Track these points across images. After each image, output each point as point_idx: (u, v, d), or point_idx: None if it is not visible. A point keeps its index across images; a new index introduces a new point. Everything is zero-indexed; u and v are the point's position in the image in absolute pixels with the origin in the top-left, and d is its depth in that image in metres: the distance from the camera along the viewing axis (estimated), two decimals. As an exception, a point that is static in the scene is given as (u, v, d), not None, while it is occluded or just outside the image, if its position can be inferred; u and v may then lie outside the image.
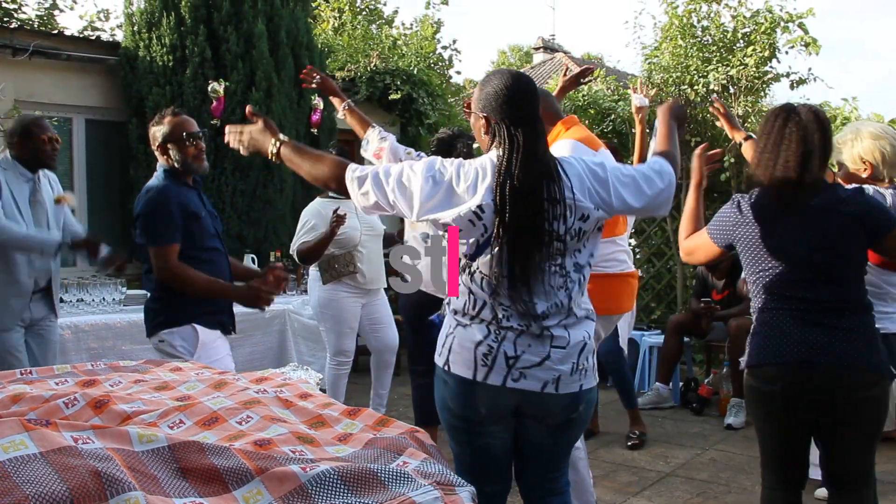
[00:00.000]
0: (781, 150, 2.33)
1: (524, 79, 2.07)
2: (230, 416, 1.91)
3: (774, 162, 2.34)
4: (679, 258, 6.99)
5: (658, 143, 2.35)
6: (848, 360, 2.27)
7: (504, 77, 2.05)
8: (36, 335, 3.66)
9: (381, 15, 13.33)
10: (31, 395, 1.99)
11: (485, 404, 2.07)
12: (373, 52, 8.37)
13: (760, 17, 6.64)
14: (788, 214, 2.33)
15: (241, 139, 2.33)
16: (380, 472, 1.55)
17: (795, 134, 2.32)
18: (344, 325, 4.57)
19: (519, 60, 26.66)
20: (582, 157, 2.15)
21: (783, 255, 2.33)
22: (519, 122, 2.01)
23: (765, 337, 2.37)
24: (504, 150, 1.99)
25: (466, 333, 2.06)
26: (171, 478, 1.50)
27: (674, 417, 5.41)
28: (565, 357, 2.05)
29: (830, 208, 2.31)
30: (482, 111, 2.06)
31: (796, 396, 2.32)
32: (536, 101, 2.07)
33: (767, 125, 2.40)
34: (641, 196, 2.10)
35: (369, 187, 2.06)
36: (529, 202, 1.96)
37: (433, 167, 2.02)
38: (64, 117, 6.19)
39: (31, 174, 3.59)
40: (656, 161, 2.20)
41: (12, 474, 1.34)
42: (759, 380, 2.40)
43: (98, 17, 8.49)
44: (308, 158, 2.20)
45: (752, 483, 4.02)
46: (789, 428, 2.40)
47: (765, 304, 2.39)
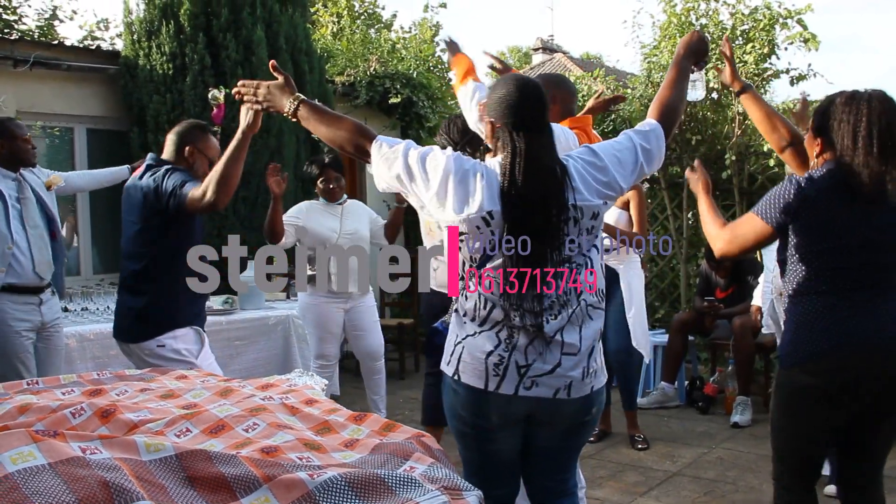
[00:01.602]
0: (873, 134, 2.23)
1: (531, 85, 2.07)
2: (236, 423, 1.92)
3: (859, 145, 2.24)
4: (682, 257, 7.03)
5: (659, 94, 2.27)
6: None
7: (510, 83, 2.06)
8: (44, 339, 3.71)
9: (379, 19, 13.35)
10: (38, 405, 1.99)
11: (497, 413, 2.07)
12: (372, 56, 8.37)
13: (759, 14, 6.63)
14: (862, 199, 2.23)
15: (256, 94, 2.26)
16: (387, 477, 1.55)
17: (884, 120, 2.23)
18: (323, 330, 4.62)
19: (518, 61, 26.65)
20: (569, 151, 2.14)
21: (853, 238, 2.24)
22: (522, 128, 2.01)
23: (819, 326, 2.26)
24: (507, 155, 2.00)
25: (476, 343, 2.04)
26: (178, 487, 1.50)
27: (680, 416, 5.40)
28: (576, 364, 2.05)
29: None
30: (489, 116, 2.09)
31: (860, 387, 2.24)
32: (543, 107, 2.07)
33: (849, 109, 2.28)
34: (638, 168, 2.13)
35: (397, 155, 2.04)
36: (538, 208, 1.96)
37: (460, 157, 2.03)
38: (65, 127, 6.20)
39: (14, 173, 3.64)
40: (650, 126, 2.18)
41: (21, 486, 1.35)
42: (815, 375, 2.27)
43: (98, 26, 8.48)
44: (327, 120, 2.14)
45: (760, 481, 4.02)
46: (832, 426, 2.32)
47: (813, 288, 2.28)
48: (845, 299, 2.25)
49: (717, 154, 6.95)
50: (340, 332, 4.70)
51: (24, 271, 3.57)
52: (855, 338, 2.23)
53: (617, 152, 2.11)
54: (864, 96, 2.28)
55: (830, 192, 2.26)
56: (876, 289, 2.26)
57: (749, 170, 6.87)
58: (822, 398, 2.28)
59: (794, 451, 2.39)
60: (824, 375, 2.26)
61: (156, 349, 3.02)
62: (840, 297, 2.25)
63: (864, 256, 2.25)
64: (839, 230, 2.25)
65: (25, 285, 3.59)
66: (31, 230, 3.62)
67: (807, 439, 2.36)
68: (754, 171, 6.83)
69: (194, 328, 3.07)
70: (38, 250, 3.62)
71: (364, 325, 4.74)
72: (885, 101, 2.26)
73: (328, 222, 4.57)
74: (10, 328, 3.54)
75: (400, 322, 6.82)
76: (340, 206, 4.67)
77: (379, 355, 4.84)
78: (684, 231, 7.11)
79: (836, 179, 2.26)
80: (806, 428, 2.34)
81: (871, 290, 2.25)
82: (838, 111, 2.29)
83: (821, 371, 2.27)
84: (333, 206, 4.65)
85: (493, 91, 2.10)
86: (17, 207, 3.59)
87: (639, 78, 7.71)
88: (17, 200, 3.61)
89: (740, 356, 5.30)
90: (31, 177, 3.76)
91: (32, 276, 3.60)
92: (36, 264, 3.60)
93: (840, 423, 2.31)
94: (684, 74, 2.31)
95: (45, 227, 3.71)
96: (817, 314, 2.27)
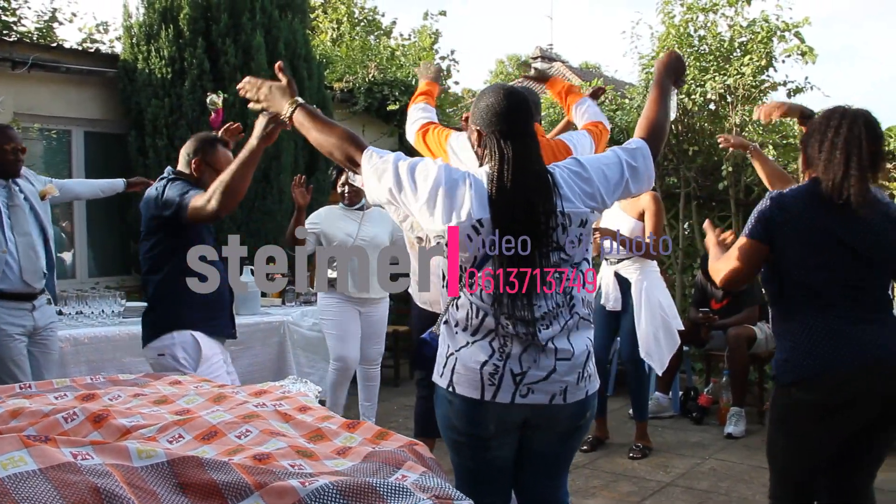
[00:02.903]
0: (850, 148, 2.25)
1: (516, 93, 2.09)
2: (229, 430, 1.91)
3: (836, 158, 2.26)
4: (678, 267, 7.04)
5: (645, 114, 2.27)
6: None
7: (497, 92, 2.08)
8: (38, 344, 3.71)
9: (379, 26, 13.37)
10: (31, 409, 1.99)
11: (494, 421, 2.07)
12: (371, 62, 8.39)
13: (757, 27, 6.67)
14: (844, 212, 2.24)
15: (259, 93, 2.26)
16: (378, 486, 1.55)
17: (864, 133, 2.26)
18: (342, 331, 4.64)
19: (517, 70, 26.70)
20: (555, 162, 2.15)
21: (841, 251, 2.26)
22: (510, 135, 2.03)
23: (815, 344, 2.26)
24: (495, 163, 2.01)
25: (470, 353, 2.05)
26: (170, 493, 1.50)
27: (674, 427, 5.40)
28: (571, 368, 2.06)
29: (883, 208, 2.29)
30: (475, 124, 2.10)
31: (863, 403, 2.24)
32: (528, 115, 2.09)
33: (824, 124, 2.32)
34: (623, 185, 2.13)
35: (387, 166, 2.03)
36: (527, 213, 1.97)
37: (449, 168, 2.05)
38: (63, 130, 6.20)
39: (3, 181, 3.63)
40: (637, 144, 2.18)
41: (12, 491, 1.35)
42: (814, 392, 2.26)
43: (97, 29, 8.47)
44: (320, 125, 2.13)
45: (753, 492, 4.02)
46: (829, 443, 2.31)
47: (806, 307, 2.29)
48: (837, 316, 2.26)
49: (713, 165, 6.97)
50: (359, 333, 4.71)
51: (13, 278, 3.57)
52: (850, 355, 2.23)
53: (604, 166, 2.12)
54: (839, 111, 2.31)
55: (806, 205, 2.29)
56: (863, 305, 2.27)
57: (746, 181, 6.90)
58: (818, 414, 2.28)
59: (791, 468, 2.39)
60: (821, 392, 2.26)
61: (157, 358, 3.02)
62: (831, 315, 2.26)
63: (850, 272, 2.26)
64: (820, 244, 2.27)
65: (15, 292, 3.59)
66: (19, 238, 3.60)
67: (803, 456, 2.35)
68: (751, 182, 6.86)
69: (193, 334, 3.02)
70: (27, 258, 3.61)
71: (373, 333, 4.79)
72: (859, 114, 2.30)
73: (346, 226, 4.62)
74: (2, 332, 3.54)
75: (395, 329, 6.81)
76: (361, 212, 4.69)
77: (377, 361, 4.85)
78: (680, 241, 7.12)
79: (811, 193, 2.29)
80: (802, 444, 2.34)
81: (857, 306, 2.26)
82: (816, 127, 2.34)
83: (817, 388, 2.27)
84: (353, 212, 4.68)
85: (479, 100, 2.11)
86: (6, 214, 3.58)
87: (637, 88, 7.74)
88: (6, 207, 3.60)
89: (735, 367, 5.31)
90: (26, 185, 3.75)
91: (20, 284, 3.59)
92: (24, 272, 3.59)
93: (836, 440, 2.31)
94: (667, 92, 2.32)
95: (38, 235, 3.70)
96: (810, 332, 2.28)
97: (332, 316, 4.66)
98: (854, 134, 2.25)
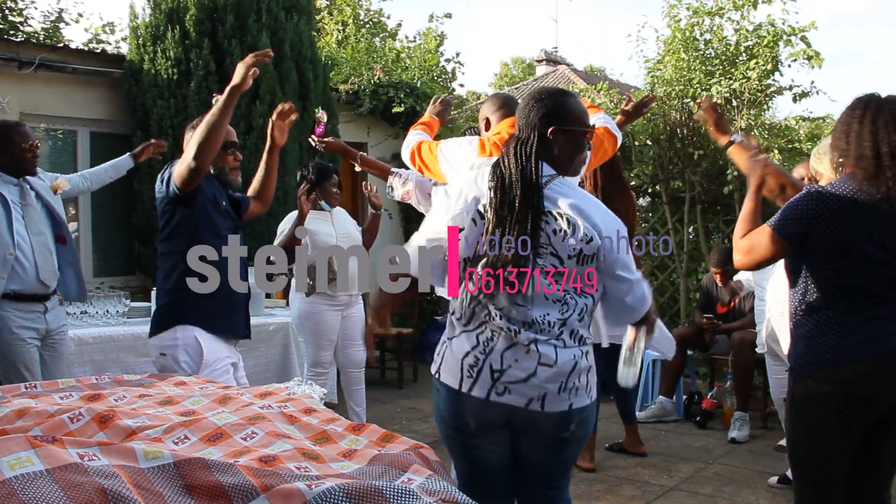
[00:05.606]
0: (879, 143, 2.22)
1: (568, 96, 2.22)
2: (235, 431, 1.91)
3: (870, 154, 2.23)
4: (682, 271, 7.03)
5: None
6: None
7: (555, 94, 2.20)
8: (49, 347, 3.67)
9: (384, 28, 13.41)
10: (36, 409, 1.99)
11: (472, 416, 2.11)
12: (376, 65, 8.40)
13: (763, 31, 6.66)
14: (881, 207, 2.21)
15: None
16: (385, 489, 1.54)
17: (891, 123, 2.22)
18: (322, 338, 4.63)
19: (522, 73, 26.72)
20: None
21: (869, 251, 2.22)
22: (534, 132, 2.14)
23: (833, 337, 2.25)
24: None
25: (458, 343, 2.12)
26: (176, 495, 1.49)
27: (678, 431, 5.39)
28: (554, 376, 2.06)
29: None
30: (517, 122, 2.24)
31: (875, 396, 2.23)
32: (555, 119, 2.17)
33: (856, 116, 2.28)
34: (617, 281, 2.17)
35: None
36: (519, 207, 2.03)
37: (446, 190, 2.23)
38: (69, 130, 6.22)
39: (16, 179, 3.60)
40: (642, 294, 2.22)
41: (18, 492, 1.34)
42: (827, 383, 2.26)
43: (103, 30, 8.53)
44: None
45: (757, 497, 4.01)
46: (848, 437, 2.28)
47: (830, 303, 2.27)
48: (861, 312, 2.24)
49: (719, 169, 6.96)
50: (336, 339, 4.71)
51: (28, 278, 3.51)
52: (870, 348, 2.22)
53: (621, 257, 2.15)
54: (864, 100, 2.29)
55: (846, 203, 2.23)
56: (886, 302, 2.24)
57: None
58: (836, 406, 2.26)
59: (813, 466, 2.36)
60: (839, 384, 2.25)
61: (159, 358, 3.02)
62: (856, 311, 2.24)
63: (881, 270, 2.23)
64: (855, 243, 2.23)
65: (30, 293, 3.54)
66: (34, 237, 3.56)
67: (824, 451, 2.32)
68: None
69: (196, 336, 2.99)
70: (42, 257, 3.56)
71: (355, 335, 4.78)
72: (885, 103, 2.26)
73: (323, 227, 4.63)
74: (15, 335, 3.49)
75: (399, 332, 6.81)
76: (329, 213, 4.71)
77: (361, 365, 4.85)
78: (685, 245, 7.11)
79: (851, 190, 2.24)
80: (822, 437, 2.31)
81: (881, 303, 2.24)
82: (850, 122, 2.29)
83: (835, 380, 2.26)
84: (323, 213, 4.69)
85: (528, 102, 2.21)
86: (20, 213, 3.57)
87: (642, 91, 7.72)
88: (20, 206, 3.57)
89: (739, 372, 5.30)
90: (38, 182, 3.71)
91: (36, 284, 3.55)
92: (40, 271, 3.55)
93: (855, 433, 2.29)
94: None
95: (51, 234, 3.67)
96: (832, 325, 2.26)
97: (313, 324, 4.61)
98: (878, 125, 2.22)
